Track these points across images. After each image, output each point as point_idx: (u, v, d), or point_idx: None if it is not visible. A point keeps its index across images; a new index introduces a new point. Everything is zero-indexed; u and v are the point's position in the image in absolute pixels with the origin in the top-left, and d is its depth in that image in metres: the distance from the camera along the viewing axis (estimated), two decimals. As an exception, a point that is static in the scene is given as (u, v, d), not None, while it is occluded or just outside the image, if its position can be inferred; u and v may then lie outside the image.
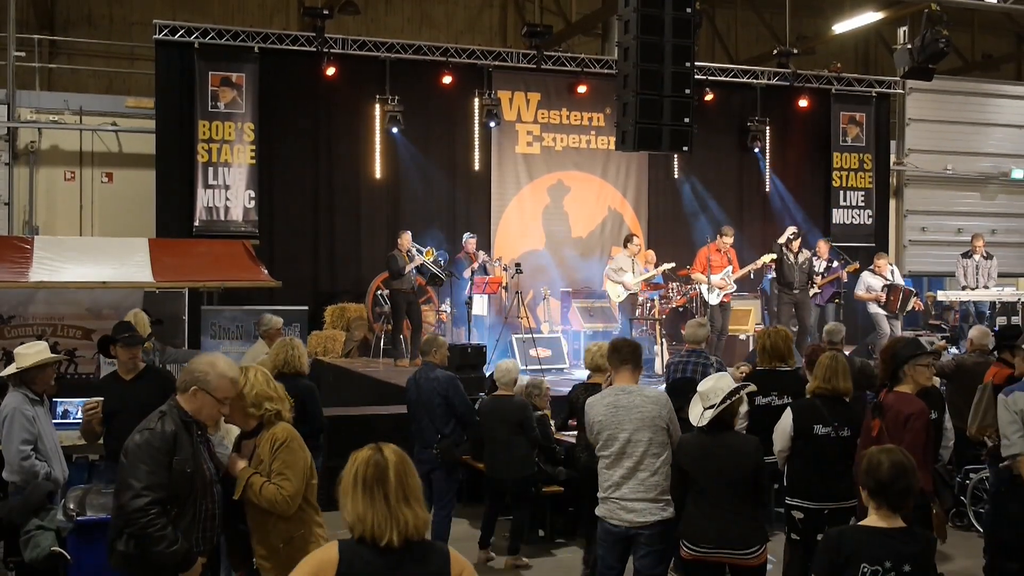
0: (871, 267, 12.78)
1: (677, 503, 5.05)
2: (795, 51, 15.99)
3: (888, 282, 12.50)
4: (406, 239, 12.11)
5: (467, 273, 12.50)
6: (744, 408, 5.58)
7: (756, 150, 15.78)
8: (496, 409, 7.33)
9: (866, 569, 3.51)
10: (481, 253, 12.96)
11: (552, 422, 7.97)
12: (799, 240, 12.52)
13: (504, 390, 7.39)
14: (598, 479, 5.24)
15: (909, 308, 12.47)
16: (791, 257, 12.30)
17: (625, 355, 5.27)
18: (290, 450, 4.12)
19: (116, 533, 3.93)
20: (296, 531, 4.13)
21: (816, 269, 12.83)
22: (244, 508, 4.15)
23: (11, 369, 5.76)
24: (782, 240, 12.46)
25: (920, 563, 3.57)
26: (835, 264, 13.30)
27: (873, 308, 12.49)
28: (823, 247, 13.35)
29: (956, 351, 10.84)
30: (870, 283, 12.55)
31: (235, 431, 4.41)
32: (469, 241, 12.96)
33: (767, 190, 15.94)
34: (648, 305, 12.82)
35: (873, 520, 3.63)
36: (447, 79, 13.96)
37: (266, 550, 4.13)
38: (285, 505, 4.04)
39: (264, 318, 8.76)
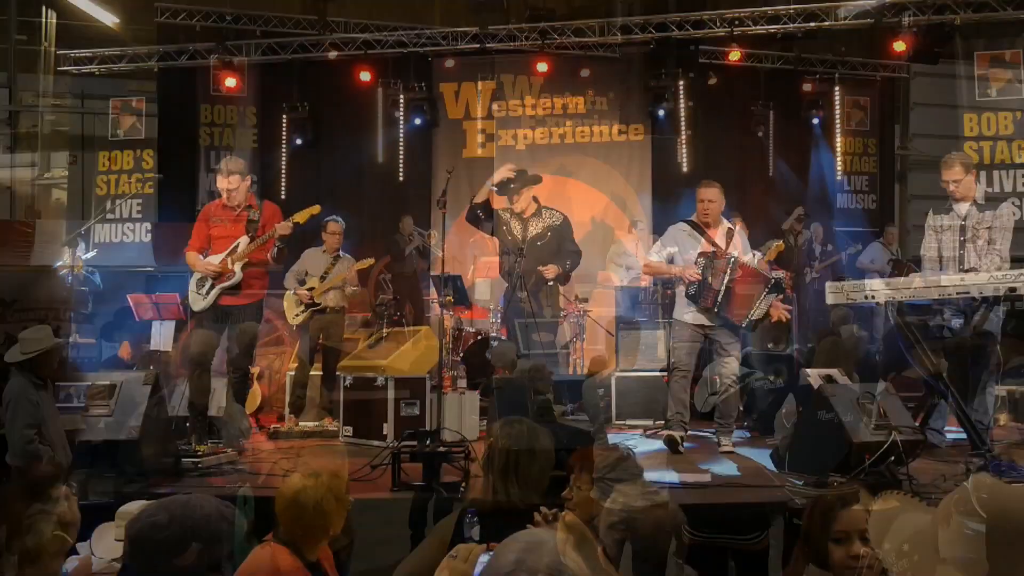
0: (880, 239, 12.73)
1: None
2: (799, 35, 15.88)
3: (894, 257, 12.47)
4: (408, 224, 12.10)
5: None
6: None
7: (760, 134, 15.69)
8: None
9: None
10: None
11: (555, 407, 7.97)
12: (802, 223, 12.48)
13: (502, 371, 7.40)
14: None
15: None
16: (792, 239, 12.29)
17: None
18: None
19: None
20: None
21: (814, 253, 12.82)
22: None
23: (16, 354, 5.78)
24: (786, 226, 12.42)
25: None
26: (829, 247, 13.26)
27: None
28: (819, 231, 13.32)
29: (959, 323, 10.81)
30: (876, 255, 12.48)
31: None
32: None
33: (771, 175, 15.87)
34: (651, 290, 12.79)
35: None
36: (449, 63, 13.89)
37: None
38: None
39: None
